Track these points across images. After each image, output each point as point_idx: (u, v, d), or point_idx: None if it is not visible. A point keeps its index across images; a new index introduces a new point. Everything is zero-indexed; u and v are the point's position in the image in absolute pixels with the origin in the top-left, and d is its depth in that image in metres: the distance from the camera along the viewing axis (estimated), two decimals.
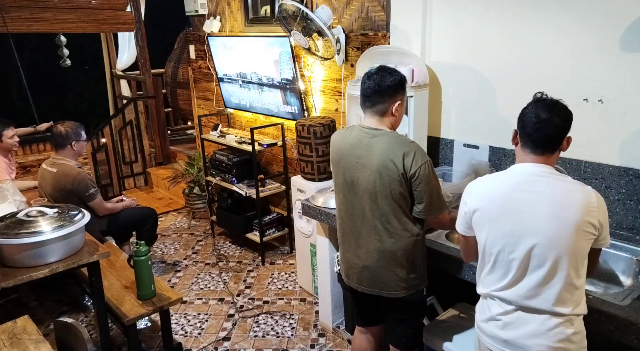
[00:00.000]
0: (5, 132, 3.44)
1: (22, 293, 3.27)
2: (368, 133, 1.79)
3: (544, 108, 1.41)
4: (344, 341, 2.74)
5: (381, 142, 1.75)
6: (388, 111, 1.79)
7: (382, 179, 1.73)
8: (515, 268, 1.41)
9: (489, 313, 1.50)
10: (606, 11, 1.96)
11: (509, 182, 1.45)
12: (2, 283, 1.93)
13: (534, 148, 1.42)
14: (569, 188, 1.38)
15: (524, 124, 1.44)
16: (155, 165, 5.62)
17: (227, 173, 3.80)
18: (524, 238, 1.39)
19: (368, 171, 1.76)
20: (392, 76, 1.77)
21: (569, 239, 1.34)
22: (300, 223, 3.17)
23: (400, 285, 1.82)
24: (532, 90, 2.22)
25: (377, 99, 1.78)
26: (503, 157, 2.40)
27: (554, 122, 1.39)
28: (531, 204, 1.38)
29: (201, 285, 3.43)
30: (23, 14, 4.29)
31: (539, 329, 1.40)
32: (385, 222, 1.77)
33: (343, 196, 1.89)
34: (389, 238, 1.78)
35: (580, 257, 1.37)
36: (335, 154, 1.91)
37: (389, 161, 1.71)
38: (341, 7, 3.03)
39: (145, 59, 5.41)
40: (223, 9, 3.99)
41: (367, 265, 1.84)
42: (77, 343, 1.65)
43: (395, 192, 1.73)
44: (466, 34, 2.45)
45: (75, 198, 2.95)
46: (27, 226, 2.03)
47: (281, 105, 3.59)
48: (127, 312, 2.33)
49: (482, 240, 1.49)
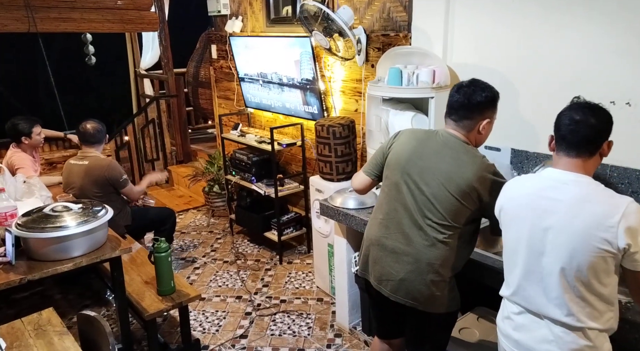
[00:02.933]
0: (34, 129, 3.53)
1: (47, 286, 3.35)
2: (457, 144, 1.70)
3: (578, 110, 1.37)
4: (360, 342, 2.73)
5: (471, 159, 1.67)
6: (474, 128, 1.70)
7: (456, 194, 1.65)
8: (526, 273, 1.40)
9: (506, 312, 1.51)
10: (633, 13, 1.91)
11: (533, 186, 1.42)
12: (28, 275, 1.99)
13: (568, 150, 1.37)
14: (588, 198, 1.31)
15: (559, 127, 1.39)
16: (176, 163, 5.69)
17: (247, 172, 3.83)
18: (535, 244, 1.37)
19: (445, 180, 1.66)
20: (485, 92, 1.68)
21: (580, 253, 1.28)
22: (318, 223, 3.17)
23: (439, 302, 1.72)
24: (557, 92, 2.20)
25: (464, 114, 1.69)
26: (525, 160, 2.37)
27: (589, 123, 1.34)
28: (548, 211, 1.35)
29: (219, 282, 3.46)
30: (51, 14, 4.40)
31: (549, 335, 1.37)
32: (439, 234, 1.68)
33: (394, 197, 1.77)
34: (438, 251, 1.69)
35: (594, 272, 1.29)
36: (407, 152, 1.76)
37: (476, 182, 1.63)
38: (362, 8, 3.03)
39: (168, 58, 5.49)
40: (245, 9, 4.02)
41: (409, 275, 1.72)
42: (99, 336, 1.69)
43: (464, 209, 1.65)
44: (488, 35, 2.42)
45: (108, 187, 3.06)
46: (52, 221, 2.08)
47: (301, 105, 3.60)
48: (147, 307, 2.37)
49: (504, 240, 1.50)
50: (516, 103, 2.37)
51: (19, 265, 2.05)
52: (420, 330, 1.83)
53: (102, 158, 3.11)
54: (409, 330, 1.89)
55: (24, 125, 3.49)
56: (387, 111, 2.57)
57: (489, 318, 2.10)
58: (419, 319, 1.79)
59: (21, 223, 2.09)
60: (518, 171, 2.39)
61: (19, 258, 2.07)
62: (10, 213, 2.28)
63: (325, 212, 2.62)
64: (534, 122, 2.33)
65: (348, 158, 3.11)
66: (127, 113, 5.93)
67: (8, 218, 2.27)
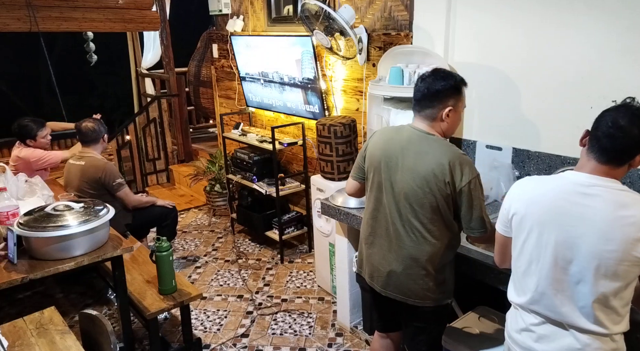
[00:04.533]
0: (40, 132, 3.52)
1: (48, 285, 3.36)
2: (421, 137, 1.71)
3: (625, 114, 1.25)
4: (362, 341, 2.73)
5: (433, 149, 1.68)
6: (437, 117, 1.70)
7: (427, 185, 1.66)
8: (550, 282, 1.32)
9: (523, 324, 1.41)
10: (636, 11, 1.90)
11: (559, 190, 1.32)
12: (30, 274, 1.99)
13: (600, 155, 1.27)
14: (624, 203, 1.23)
15: (598, 126, 1.28)
16: (178, 163, 5.70)
17: (248, 171, 3.84)
18: (565, 253, 1.29)
19: (413, 175, 1.68)
20: (445, 80, 1.68)
21: (614, 263, 1.23)
22: (320, 222, 3.17)
23: (427, 295, 1.76)
24: (559, 91, 2.20)
25: (426, 103, 1.70)
26: (527, 159, 2.36)
27: (632, 133, 1.23)
28: (579, 219, 1.27)
29: (221, 281, 3.47)
30: (53, 13, 4.40)
31: (576, 344, 1.31)
32: (422, 230, 1.71)
33: (376, 197, 1.82)
34: (421, 246, 1.72)
35: (625, 281, 1.26)
36: (379, 151, 1.80)
37: (438, 169, 1.64)
38: (364, 7, 3.03)
39: (169, 57, 5.49)
40: (246, 9, 4.02)
41: (395, 271, 1.78)
42: (100, 334, 1.69)
43: (434, 201, 1.66)
44: (490, 34, 2.41)
45: (102, 190, 3.03)
46: (54, 220, 2.09)
47: (302, 104, 3.60)
48: (149, 306, 2.37)
49: (518, 245, 1.40)
50: (518, 102, 2.37)
51: (20, 264, 2.05)
52: (413, 323, 1.88)
53: (98, 159, 3.08)
54: (404, 324, 1.95)
55: (29, 128, 3.46)
56: (388, 110, 2.57)
57: (490, 317, 2.10)
58: (411, 313, 1.84)
59: (23, 222, 2.10)
60: (519, 171, 2.38)
61: (20, 257, 2.07)
62: (12, 212, 2.29)
63: (327, 211, 2.63)
64: (535, 121, 2.32)
65: (349, 158, 3.11)
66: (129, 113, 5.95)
67: (10, 217, 2.27)
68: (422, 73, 1.76)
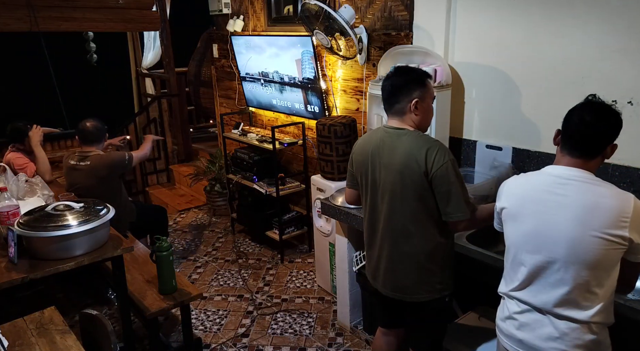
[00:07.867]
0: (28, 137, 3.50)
1: (49, 285, 3.35)
2: (391, 133, 1.77)
3: (591, 110, 1.35)
4: (362, 341, 2.73)
5: (403, 142, 1.72)
6: (406, 110, 1.75)
7: (403, 180, 1.70)
8: (532, 270, 1.39)
9: (507, 312, 1.49)
10: (635, 12, 1.90)
11: (537, 182, 1.42)
12: (30, 274, 1.99)
13: (572, 150, 1.37)
14: (601, 193, 1.32)
15: (568, 124, 1.38)
16: (178, 163, 5.70)
17: (248, 171, 3.84)
18: (544, 240, 1.36)
19: (390, 172, 1.73)
20: (407, 75, 1.75)
21: (592, 247, 1.29)
22: (320, 222, 3.17)
23: (422, 289, 1.79)
24: (559, 91, 2.20)
25: (393, 100, 1.77)
26: (527, 159, 2.37)
27: (598, 127, 1.34)
28: (556, 207, 1.35)
29: (221, 281, 3.47)
30: (53, 13, 4.40)
31: (554, 333, 1.37)
32: (407, 224, 1.74)
33: (368, 198, 1.87)
34: (410, 241, 1.75)
35: (604, 266, 1.31)
36: (360, 156, 1.88)
37: (411, 160, 1.68)
38: (364, 7, 3.03)
39: (169, 57, 5.49)
40: (246, 9, 4.02)
41: (390, 268, 1.83)
42: (101, 334, 1.69)
43: (417, 193, 1.69)
44: (491, 34, 2.41)
45: (117, 177, 3.12)
46: (54, 220, 2.09)
47: (302, 104, 3.60)
48: (149, 306, 2.37)
49: (506, 237, 1.49)
50: (518, 102, 2.37)
51: (21, 263, 2.05)
52: (415, 319, 1.91)
53: (102, 154, 3.10)
54: (407, 320, 1.97)
55: (19, 131, 3.42)
56: None
57: (490, 316, 2.09)
58: (412, 309, 1.87)
59: (23, 222, 2.10)
60: (520, 171, 2.39)
61: (21, 257, 2.07)
62: (13, 212, 2.29)
63: (327, 211, 2.63)
64: (535, 121, 2.33)
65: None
66: (129, 113, 5.94)
67: (10, 217, 2.27)
68: (387, 73, 1.81)
